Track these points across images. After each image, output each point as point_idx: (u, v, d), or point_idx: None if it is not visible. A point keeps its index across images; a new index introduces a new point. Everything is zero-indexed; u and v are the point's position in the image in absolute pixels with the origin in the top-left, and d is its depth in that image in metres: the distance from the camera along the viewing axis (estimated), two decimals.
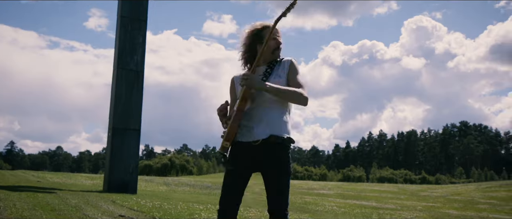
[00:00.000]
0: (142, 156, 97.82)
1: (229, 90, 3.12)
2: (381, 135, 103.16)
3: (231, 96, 3.11)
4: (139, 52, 5.12)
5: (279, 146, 2.84)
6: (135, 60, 5.08)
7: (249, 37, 3.03)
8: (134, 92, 5.01)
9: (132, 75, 5.06)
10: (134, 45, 5.07)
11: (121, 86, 5.02)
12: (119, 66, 4.99)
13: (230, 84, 3.12)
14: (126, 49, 5.06)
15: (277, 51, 2.98)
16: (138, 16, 5.17)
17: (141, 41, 5.09)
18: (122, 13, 5.04)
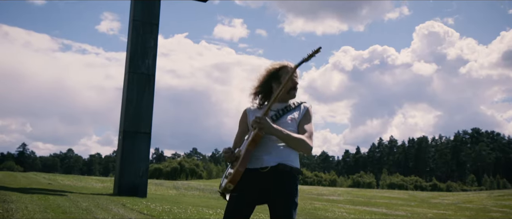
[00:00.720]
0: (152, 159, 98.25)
1: (240, 121, 3.13)
2: (391, 141, 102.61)
3: (240, 127, 3.12)
4: (150, 56, 5.13)
5: (287, 175, 2.84)
6: (146, 63, 5.09)
7: (266, 74, 3.06)
8: (145, 95, 5.02)
9: (143, 78, 5.07)
10: (145, 49, 5.08)
11: (132, 89, 5.03)
12: (130, 69, 5.01)
13: (242, 115, 3.13)
14: (138, 52, 5.07)
15: (293, 91, 3.00)
16: (150, 20, 5.18)
17: (152, 45, 5.11)
18: (134, 17, 5.06)
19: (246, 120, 3.09)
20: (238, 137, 3.11)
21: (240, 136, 3.11)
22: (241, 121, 3.13)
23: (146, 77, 5.04)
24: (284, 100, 3.06)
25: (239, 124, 3.13)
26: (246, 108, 3.12)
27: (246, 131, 3.07)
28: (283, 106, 3.04)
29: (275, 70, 3.04)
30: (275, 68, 3.05)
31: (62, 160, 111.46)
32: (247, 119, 3.08)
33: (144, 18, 5.15)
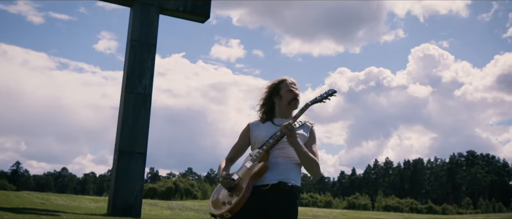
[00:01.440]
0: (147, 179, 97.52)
1: (242, 134, 3.16)
2: (387, 163, 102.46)
3: (240, 140, 3.15)
4: (147, 76, 5.14)
5: (287, 193, 2.86)
6: (143, 83, 5.10)
7: (267, 91, 3.15)
8: (141, 115, 5.02)
9: (140, 98, 5.07)
10: (142, 69, 5.10)
11: (128, 109, 5.03)
12: (127, 89, 5.02)
13: (244, 129, 3.16)
14: (135, 72, 5.09)
15: (293, 102, 3.05)
16: (147, 40, 5.21)
17: (150, 65, 5.13)
18: (132, 37, 5.09)
19: (249, 134, 3.11)
20: (236, 148, 3.15)
21: (237, 148, 3.14)
22: (243, 134, 3.15)
23: (142, 97, 5.05)
24: (286, 116, 3.09)
25: (240, 136, 3.15)
26: (250, 123, 3.16)
27: (245, 145, 3.13)
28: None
29: (275, 85, 3.12)
30: (274, 83, 3.14)
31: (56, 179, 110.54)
32: (250, 133, 3.10)
33: (142, 39, 5.18)
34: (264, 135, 3.02)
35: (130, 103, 4.94)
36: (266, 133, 3.02)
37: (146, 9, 5.21)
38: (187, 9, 5.34)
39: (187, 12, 5.40)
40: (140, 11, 5.21)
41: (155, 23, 5.16)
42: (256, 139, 3.06)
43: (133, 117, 5.02)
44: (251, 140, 3.09)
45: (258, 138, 3.03)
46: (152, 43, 5.14)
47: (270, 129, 3.03)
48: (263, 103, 3.14)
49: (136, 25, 5.04)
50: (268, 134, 3.00)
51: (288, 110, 3.07)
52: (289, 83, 3.09)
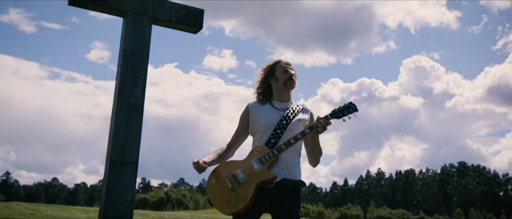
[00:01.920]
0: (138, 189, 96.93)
1: (241, 117, 3.11)
2: (379, 173, 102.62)
3: (240, 123, 3.11)
4: (140, 86, 5.13)
5: (291, 189, 2.87)
6: (135, 94, 5.09)
7: (263, 73, 3.12)
8: (133, 126, 5.01)
9: (132, 109, 5.06)
10: (135, 79, 5.09)
11: (120, 119, 5.01)
12: (119, 99, 5.01)
13: (244, 111, 3.12)
14: (127, 83, 5.08)
15: (289, 82, 3.03)
16: (140, 50, 5.21)
17: (142, 75, 5.12)
18: (124, 47, 5.09)
19: (248, 117, 3.07)
20: (237, 134, 3.11)
21: (238, 133, 3.11)
22: (243, 117, 3.11)
23: (134, 107, 5.04)
24: (285, 98, 3.08)
25: (239, 119, 3.11)
26: (249, 104, 3.12)
27: (245, 128, 3.08)
28: (287, 107, 3.06)
29: (270, 67, 3.11)
30: (269, 65, 3.12)
31: (46, 189, 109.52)
32: (250, 116, 3.06)
33: (135, 49, 5.18)
34: (265, 119, 2.97)
35: (122, 113, 4.94)
36: (267, 117, 2.98)
37: (138, 20, 5.22)
38: (180, 19, 5.35)
39: (180, 22, 5.40)
40: (133, 21, 5.21)
41: (147, 34, 5.16)
42: (256, 121, 3.01)
43: (125, 127, 5.00)
44: (250, 121, 3.05)
45: (259, 121, 2.98)
46: (144, 53, 5.15)
47: (270, 113, 3.00)
48: (259, 85, 3.11)
49: (128, 35, 5.05)
50: (268, 118, 2.97)
51: (284, 90, 3.05)
52: (284, 64, 3.07)
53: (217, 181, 2.88)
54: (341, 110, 2.90)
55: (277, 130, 2.90)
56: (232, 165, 2.90)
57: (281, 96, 3.06)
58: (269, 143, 2.89)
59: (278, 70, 3.07)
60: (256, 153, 2.87)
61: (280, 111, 3.00)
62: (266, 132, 2.94)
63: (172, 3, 5.48)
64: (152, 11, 5.32)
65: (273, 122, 2.95)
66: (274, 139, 2.89)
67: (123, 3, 5.20)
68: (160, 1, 5.41)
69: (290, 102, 3.09)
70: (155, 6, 5.35)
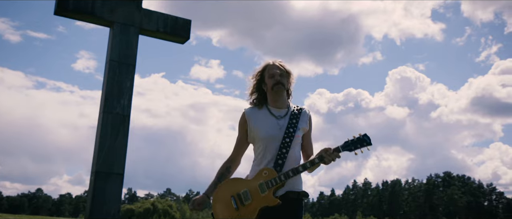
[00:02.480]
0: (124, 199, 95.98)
1: (239, 125, 3.08)
2: (366, 183, 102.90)
3: (240, 132, 3.08)
4: (126, 96, 5.10)
5: (294, 201, 2.88)
6: (121, 104, 5.06)
7: (254, 80, 3.10)
8: (120, 136, 4.98)
9: (118, 119, 5.03)
10: (121, 89, 5.06)
11: (106, 129, 4.97)
12: (105, 109, 4.97)
13: (241, 118, 3.08)
14: (113, 93, 5.05)
15: (276, 87, 2.98)
16: (127, 60, 5.19)
17: (129, 86, 5.09)
18: (111, 57, 5.07)
19: (246, 125, 3.04)
20: (238, 144, 3.09)
21: (239, 144, 3.08)
22: (241, 126, 3.08)
23: (121, 117, 5.01)
24: (280, 103, 3.03)
25: (238, 128, 3.09)
26: (245, 111, 3.09)
27: (245, 136, 3.05)
28: (285, 113, 3.02)
29: (260, 73, 3.07)
30: (259, 72, 3.08)
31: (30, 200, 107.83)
32: (248, 125, 3.03)
33: (121, 59, 5.16)
34: (264, 130, 2.93)
35: (108, 123, 4.90)
36: (266, 127, 2.94)
37: (125, 30, 5.20)
38: (167, 30, 5.35)
39: (167, 33, 5.39)
40: (120, 31, 5.19)
41: (134, 44, 5.14)
42: (255, 131, 2.97)
43: (111, 137, 4.97)
44: (249, 130, 3.02)
45: (259, 132, 2.95)
46: (131, 63, 5.12)
47: (269, 122, 2.96)
48: (252, 92, 3.09)
49: (115, 45, 5.02)
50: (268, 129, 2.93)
51: (275, 95, 3.01)
52: (270, 68, 3.03)
53: (222, 197, 2.88)
54: (354, 143, 2.83)
55: (282, 149, 2.87)
56: (239, 183, 2.89)
57: (275, 102, 3.02)
58: (277, 164, 2.86)
59: (266, 75, 3.04)
60: (263, 174, 2.84)
61: (279, 119, 2.97)
62: (268, 145, 2.92)
63: (159, 14, 5.48)
64: (139, 21, 5.31)
65: (272, 133, 2.92)
66: (281, 159, 2.87)
67: (110, 13, 5.19)
68: (148, 11, 5.41)
69: (286, 107, 3.05)
70: (142, 16, 5.35)
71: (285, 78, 3.03)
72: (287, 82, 3.05)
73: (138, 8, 5.35)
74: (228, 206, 2.82)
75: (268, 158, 2.90)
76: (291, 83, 3.12)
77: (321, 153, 2.81)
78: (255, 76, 3.08)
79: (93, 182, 4.96)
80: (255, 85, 3.08)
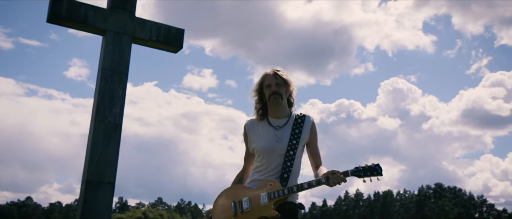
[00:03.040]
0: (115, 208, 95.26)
1: (243, 136, 3.15)
2: (357, 194, 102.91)
3: (245, 143, 3.16)
4: (118, 105, 5.08)
5: (290, 211, 2.90)
6: (113, 112, 5.04)
7: (255, 94, 3.13)
8: (111, 145, 4.95)
9: (110, 127, 5.00)
10: (113, 98, 5.04)
11: (97, 138, 4.95)
12: (97, 118, 4.95)
13: (243, 132, 3.14)
14: (105, 101, 5.03)
15: (271, 98, 3.00)
16: (119, 69, 5.18)
17: (121, 94, 5.07)
18: (103, 65, 5.06)
19: (247, 137, 3.12)
20: (245, 156, 3.16)
21: (246, 155, 3.16)
22: (244, 138, 3.16)
23: (113, 126, 4.99)
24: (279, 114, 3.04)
25: (243, 140, 3.16)
26: (245, 124, 3.14)
27: (249, 147, 3.11)
28: (285, 122, 3.02)
29: (259, 85, 3.10)
30: (258, 83, 3.11)
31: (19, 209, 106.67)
32: (248, 137, 3.10)
33: (114, 67, 5.15)
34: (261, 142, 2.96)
35: (100, 132, 4.88)
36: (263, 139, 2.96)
37: (118, 38, 5.19)
38: (160, 39, 5.35)
39: (160, 42, 5.39)
40: (113, 39, 5.18)
41: (127, 52, 5.14)
42: (253, 143, 3.02)
43: (102, 146, 4.94)
44: (249, 142, 3.07)
45: (257, 144, 2.98)
46: (124, 72, 5.11)
47: (266, 134, 2.98)
48: (256, 105, 3.11)
49: (107, 53, 5.01)
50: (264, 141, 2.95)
51: (273, 106, 3.02)
52: (267, 78, 3.04)
53: (223, 201, 2.90)
54: (364, 170, 2.83)
55: (287, 162, 2.88)
56: (242, 190, 2.91)
57: (274, 112, 3.03)
58: (282, 179, 2.87)
59: (264, 87, 3.06)
60: (268, 186, 2.85)
61: (277, 129, 2.98)
62: (267, 156, 2.94)
63: (153, 23, 5.48)
64: (132, 30, 5.31)
65: (268, 145, 2.94)
66: (286, 173, 2.88)
67: (102, 22, 5.18)
68: (141, 20, 5.41)
69: (287, 116, 3.05)
70: (135, 25, 5.35)
71: (283, 87, 3.02)
72: (285, 91, 3.04)
73: (131, 17, 5.35)
74: (227, 210, 2.84)
75: (272, 170, 2.91)
76: (292, 92, 3.11)
77: (327, 174, 2.79)
78: (255, 90, 3.10)
79: (83, 190, 4.92)
80: (258, 99, 3.10)
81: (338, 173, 2.77)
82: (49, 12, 4.96)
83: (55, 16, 4.98)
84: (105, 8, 5.29)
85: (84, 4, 5.13)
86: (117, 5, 5.29)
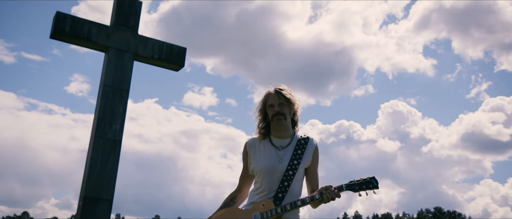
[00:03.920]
0: None
1: (242, 156, 3.06)
2: (356, 217, 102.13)
3: (244, 166, 3.06)
4: (118, 122, 5.09)
5: None
6: (113, 129, 5.05)
7: (257, 113, 3.06)
8: (110, 162, 4.94)
9: (109, 144, 5.00)
10: (114, 115, 5.05)
11: (96, 154, 4.94)
12: (96, 134, 4.95)
13: (243, 150, 3.05)
14: (105, 118, 5.04)
15: (274, 119, 2.93)
16: (120, 86, 5.20)
17: (121, 111, 5.09)
18: (105, 81, 5.08)
19: (247, 157, 3.02)
20: (242, 176, 3.06)
21: (243, 175, 3.06)
22: (243, 157, 3.06)
23: (112, 143, 4.99)
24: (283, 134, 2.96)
25: (242, 158, 3.06)
26: (246, 142, 3.06)
27: (247, 167, 3.02)
28: (288, 143, 2.95)
29: (263, 105, 3.03)
30: (261, 102, 3.04)
31: None
32: (248, 156, 3.01)
33: (115, 84, 5.17)
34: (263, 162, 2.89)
35: (99, 148, 4.87)
36: (265, 159, 2.89)
37: (120, 55, 5.23)
38: (162, 57, 5.38)
39: (162, 60, 5.42)
40: (115, 56, 5.22)
41: (129, 69, 5.16)
42: (254, 163, 2.93)
43: (101, 162, 4.93)
44: (249, 162, 2.99)
45: (258, 164, 2.90)
46: (125, 88, 5.13)
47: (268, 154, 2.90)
48: (259, 124, 3.04)
49: (109, 70, 5.04)
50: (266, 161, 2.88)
51: (276, 126, 2.95)
52: (270, 98, 2.98)
53: None
54: (359, 184, 2.76)
55: (284, 181, 2.81)
56: (235, 212, 2.85)
57: (278, 132, 2.96)
58: (277, 198, 2.80)
59: (267, 106, 3.00)
60: (261, 206, 2.78)
61: (280, 150, 2.91)
62: (267, 177, 2.86)
63: (155, 40, 5.52)
64: (135, 48, 5.35)
65: (270, 165, 2.86)
66: (282, 193, 2.80)
67: (105, 39, 5.22)
68: (143, 38, 5.45)
69: (290, 136, 2.98)
70: (138, 43, 5.38)
71: (286, 107, 2.96)
72: (289, 111, 2.98)
73: (134, 35, 5.39)
74: None
75: (268, 190, 2.84)
76: (296, 111, 3.05)
77: (321, 190, 2.75)
78: (258, 110, 3.05)
79: (81, 207, 4.90)
80: (261, 118, 3.03)
81: (331, 188, 2.73)
82: (53, 28, 5.00)
83: (58, 32, 5.01)
84: (109, 25, 5.33)
85: (87, 21, 5.17)
86: (120, 23, 5.34)
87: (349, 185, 2.76)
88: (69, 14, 5.11)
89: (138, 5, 5.48)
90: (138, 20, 5.46)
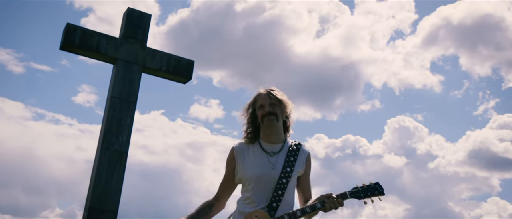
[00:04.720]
0: None
1: (227, 162, 2.81)
2: None
3: (227, 169, 2.81)
4: (125, 133, 5.09)
5: None
6: (120, 140, 5.05)
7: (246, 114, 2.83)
8: (116, 173, 4.94)
9: (115, 155, 5.01)
10: (121, 126, 5.06)
11: (103, 166, 4.94)
12: (103, 146, 4.95)
13: (229, 155, 2.81)
14: (112, 129, 5.05)
15: (264, 120, 2.70)
16: (128, 97, 5.21)
17: (128, 123, 5.10)
18: (112, 93, 5.09)
19: (234, 163, 2.76)
20: (223, 183, 2.82)
21: (225, 183, 2.81)
22: (228, 163, 2.81)
23: (118, 154, 4.98)
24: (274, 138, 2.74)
25: (226, 164, 2.81)
26: (233, 147, 2.81)
27: (231, 175, 2.77)
28: (279, 148, 2.73)
29: (252, 108, 2.80)
30: (250, 103, 2.82)
31: None
32: (236, 163, 2.74)
33: (122, 96, 5.18)
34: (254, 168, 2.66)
35: (105, 160, 4.87)
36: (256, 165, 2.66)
37: (128, 67, 5.25)
38: (170, 69, 5.40)
39: (170, 72, 5.44)
40: (123, 68, 5.24)
41: (136, 81, 5.18)
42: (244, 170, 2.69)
43: (107, 174, 4.93)
44: (237, 169, 2.73)
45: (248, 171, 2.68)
46: (132, 100, 5.15)
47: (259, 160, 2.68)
48: (246, 127, 2.79)
49: (117, 82, 5.06)
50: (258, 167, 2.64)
51: (267, 129, 2.72)
52: (261, 98, 2.75)
53: None
54: (364, 190, 2.59)
55: (278, 190, 2.61)
56: None
57: (268, 135, 2.72)
58: (271, 208, 2.60)
59: (256, 107, 2.76)
60: (254, 217, 2.58)
61: (271, 155, 2.70)
62: (258, 185, 2.65)
63: (163, 53, 5.53)
64: (143, 60, 5.37)
65: (261, 172, 2.65)
66: (276, 202, 2.60)
67: (114, 50, 5.25)
68: (152, 50, 5.47)
69: (281, 141, 2.76)
70: (146, 55, 5.40)
71: (278, 107, 2.72)
72: (281, 112, 2.74)
73: (143, 47, 5.41)
74: None
75: (260, 200, 2.63)
76: (289, 114, 2.81)
77: (323, 198, 2.56)
78: (246, 110, 2.81)
79: (86, 218, 4.88)
80: (249, 120, 2.78)
81: (332, 196, 2.54)
82: (63, 40, 5.04)
83: (68, 44, 5.05)
84: (117, 37, 5.36)
85: (97, 33, 5.21)
86: (129, 35, 5.37)
87: (353, 192, 2.58)
88: (79, 26, 5.15)
89: (148, 17, 5.51)
90: (147, 32, 5.49)
